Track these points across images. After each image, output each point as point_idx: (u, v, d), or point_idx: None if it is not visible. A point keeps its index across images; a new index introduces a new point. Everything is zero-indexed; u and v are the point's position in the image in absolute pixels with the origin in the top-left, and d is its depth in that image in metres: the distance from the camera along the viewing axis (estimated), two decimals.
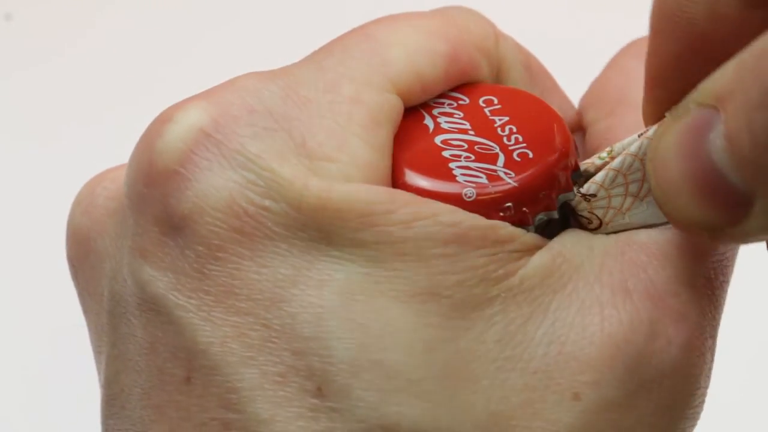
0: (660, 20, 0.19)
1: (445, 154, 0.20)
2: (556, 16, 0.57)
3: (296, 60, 0.21)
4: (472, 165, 0.20)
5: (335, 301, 0.18)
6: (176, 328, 0.18)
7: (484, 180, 0.19)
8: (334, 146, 0.19)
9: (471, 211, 0.19)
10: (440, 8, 0.22)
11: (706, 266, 0.20)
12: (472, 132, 0.20)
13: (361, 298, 0.18)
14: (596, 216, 0.20)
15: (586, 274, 0.19)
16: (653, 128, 0.20)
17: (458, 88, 0.21)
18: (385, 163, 0.20)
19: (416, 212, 0.18)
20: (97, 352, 0.22)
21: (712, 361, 0.19)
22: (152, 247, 0.19)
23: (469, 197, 0.19)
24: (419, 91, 0.21)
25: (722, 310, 0.20)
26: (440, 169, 0.20)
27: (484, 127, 0.20)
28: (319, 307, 0.18)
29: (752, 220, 0.17)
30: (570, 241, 0.19)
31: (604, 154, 0.20)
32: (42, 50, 0.59)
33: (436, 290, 0.18)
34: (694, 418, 0.19)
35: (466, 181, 0.19)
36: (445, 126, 0.20)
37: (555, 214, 0.20)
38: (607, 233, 0.20)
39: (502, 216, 0.19)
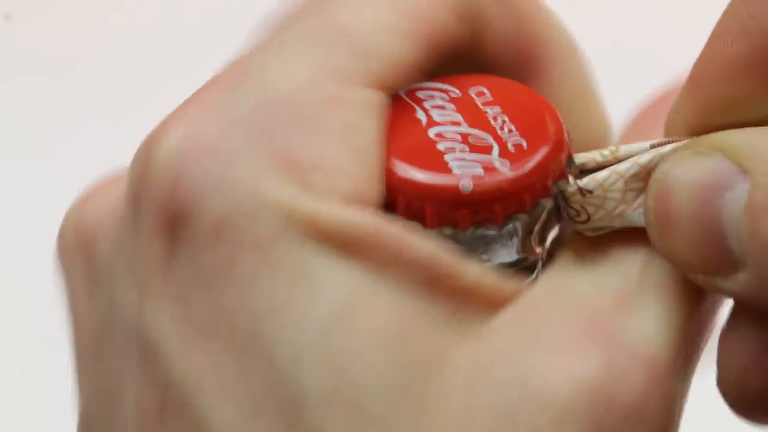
0: (729, 22, 0.18)
1: (440, 146, 0.20)
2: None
3: None
4: (468, 156, 0.20)
5: (311, 338, 0.18)
6: (157, 356, 0.18)
7: (480, 171, 0.19)
8: (318, 155, 0.19)
9: (469, 202, 0.19)
10: None
11: (685, 315, 0.19)
12: (465, 124, 0.20)
13: (338, 337, 0.18)
14: (586, 211, 0.20)
15: (553, 319, 0.19)
16: (670, 146, 0.20)
17: (448, 79, 0.21)
18: (373, 167, 0.19)
19: (399, 250, 0.18)
20: (77, 375, 0.21)
21: (681, 407, 0.19)
22: (145, 272, 0.19)
23: (467, 189, 0.19)
24: (401, 79, 0.20)
25: (699, 355, 0.20)
26: (436, 162, 0.20)
27: (476, 119, 0.20)
28: (295, 343, 0.18)
29: (730, 282, 0.17)
30: (541, 290, 0.19)
31: (606, 152, 0.20)
32: (42, 50, 0.59)
33: (411, 333, 0.18)
34: None
35: (462, 173, 0.19)
36: (437, 119, 0.20)
37: (550, 202, 0.20)
38: (591, 228, 0.20)
39: (500, 206, 0.19)
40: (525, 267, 0.20)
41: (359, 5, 0.20)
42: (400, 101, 0.21)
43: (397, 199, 0.19)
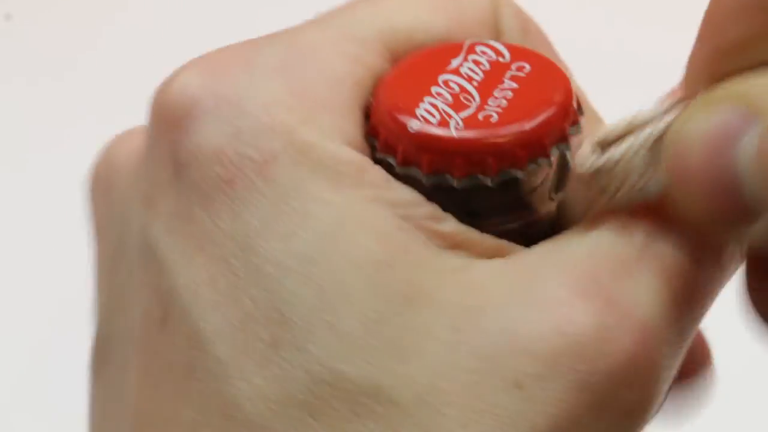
0: None
1: (433, 90, 0.21)
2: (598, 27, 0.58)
3: None
4: (441, 107, 0.20)
5: (297, 259, 0.19)
6: (161, 268, 0.20)
7: (433, 122, 0.20)
8: (329, 101, 0.20)
9: (409, 140, 0.20)
10: None
11: (683, 289, 0.19)
12: (475, 83, 0.21)
13: (321, 260, 0.18)
14: (612, 184, 0.20)
15: (546, 275, 0.19)
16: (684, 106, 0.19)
17: (514, 47, 0.22)
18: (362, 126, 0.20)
19: (381, 193, 0.19)
20: (96, 295, 0.23)
21: (669, 378, 0.19)
22: (155, 192, 0.20)
23: (412, 129, 0.20)
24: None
25: (695, 327, 0.20)
26: (413, 99, 0.20)
27: (488, 84, 0.21)
28: (282, 262, 0.19)
29: (752, 231, 0.17)
30: (538, 250, 0.20)
31: (624, 123, 0.20)
32: (42, 50, 0.59)
33: (392, 264, 0.19)
34: (637, 428, 0.19)
35: (420, 116, 0.20)
36: (462, 69, 0.21)
37: (489, 181, 0.20)
38: (619, 201, 0.20)
39: (428, 158, 0.20)
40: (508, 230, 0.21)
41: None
42: (458, 46, 0.22)
43: (377, 131, 0.21)
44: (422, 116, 0.20)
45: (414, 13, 0.22)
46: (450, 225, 0.19)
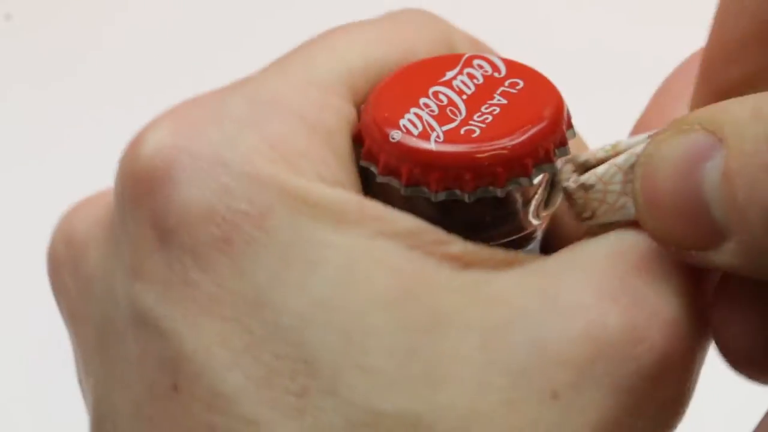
0: (727, 3, 0.19)
1: (421, 100, 0.21)
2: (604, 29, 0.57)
3: None
4: (426, 118, 0.20)
5: (315, 307, 0.18)
6: (163, 337, 0.19)
7: (414, 133, 0.20)
8: (304, 146, 0.19)
9: (389, 150, 0.20)
10: (392, 13, 0.23)
11: (701, 274, 0.19)
12: (465, 96, 0.21)
13: (340, 304, 0.18)
14: (591, 207, 0.21)
15: (568, 281, 0.19)
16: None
17: (512, 63, 0.22)
18: (347, 171, 0.20)
19: (384, 227, 0.19)
20: (85, 378, 0.22)
21: (698, 371, 0.19)
22: (142, 262, 0.19)
23: (393, 139, 0.20)
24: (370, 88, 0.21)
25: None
26: (400, 109, 0.20)
27: (478, 99, 0.21)
28: (299, 313, 0.18)
29: (720, 255, 0.17)
30: (554, 257, 0.20)
31: (608, 147, 0.21)
32: (42, 51, 0.59)
33: (410, 295, 0.18)
34: (675, 424, 0.19)
35: (403, 126, 0.20)
36: (455, 81, 0.21)
37: (467, 197, 0.20)
38: (598, 224, 0.21)
39: (406, 168, 0.20)
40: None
41: (356, 36, 0.22)
42: (457, 57, 0.22)
43: (362, 138, 0.20)
44: (405, 127, 0.20)
45: (367, 51, 0.21)
46: (458, 246, 0.19)
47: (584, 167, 0.21)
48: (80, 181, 0.52)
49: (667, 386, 0.19)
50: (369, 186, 0.21)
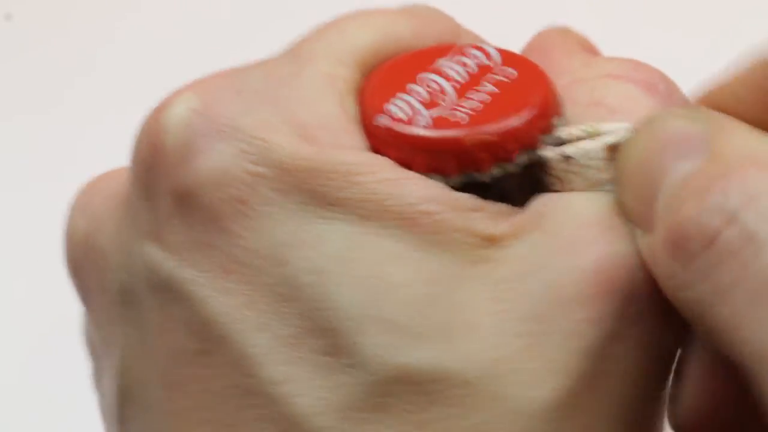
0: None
1: (409, 86, 0.21)
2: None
3: None
4: (413, 104, 0.21)
5: (333, 261, 0.19)
6: (189, 303, 0.19)
7: (401, 117, 0.20)
8: (319, 116, 0.20)
9: (377, 138, 0.20)
10: (403, 5, 0.24)
11: None
12: (455, 83, 0.21)
13: (358, 256, 0.19)
14: (567, 179, 0.21)
15: (572, 223, 0.19)
16: None
17: (507, 52, 0.22)
18: (361, 134, 0.21)
19: (396, 179, 0.19)
20: (104, 353, 0.22)
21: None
22: (161, 229, 0.20)
23: (378, 124, 0.20)
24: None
25: None
26: (386, 93, 0.21)
27: (468, 86, 0.21)
28: (318, 269, 0.19)
29: (640, 239, 0.19)
30: (549, 201, 0.20)
31: (587, 127, 0.21)
32: (42, 50, 0.59)
33: (427, 247, 0.19)
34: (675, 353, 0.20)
35: (390, 111, 0.20)
36: (444, 68, 0.21)
37: (451, 182, 0.20)
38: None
39: (394, 151, 0.20)
40: None
41: (367, 17, 0.23)
42: (449, 47, 0.22)
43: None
44: (392, 111, 0.20)
45: (378, 28, 0.22)
46: (470, 200, 0.20)
47: (560, 142, 0.21)
48: (79, 181, 0.52)
49: (652, 312, 0.19)
50: None
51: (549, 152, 0.21)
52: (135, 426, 0.21)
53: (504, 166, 0.20)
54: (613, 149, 0.20)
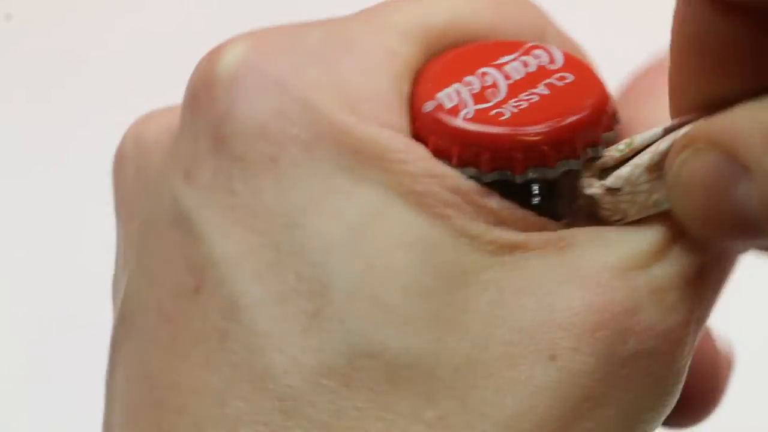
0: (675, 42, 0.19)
1: (466, 78, 0.21)
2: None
3: None
4: (464, 95, 0.20)
5: (344, 235, 0.19)
6: (196, 239, 0.20)
7: (446, 107, 0.20)
8: (369, 89, 0.20)
9: (422, 124, 0.20)
10: None
11: (704, 263, 0.20)
12: (511, 81, 0.21)
13: (369, 235, 0.19)
14: (620, 210, 0.21)
15: (584, 254, 0.20)
16: (684, 129, 0.20)
17: (573, 59, 0.22)
18: (408, 116, 0.21)
19: (427, 168, 0.19)
20: (121, 274, 0.23)
21: (690, 355, 0.20)
22: (193, 166, 0.20)
23: (425, 110, 0.20)
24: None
25: (713, 307, 0.21)
26: (441, 82, 0.21)
27: (522, 85, 0.21)
28: (328, 238, 0.19)
29: (752, 244, 0.19)
30: (577, 231, 0.20)
31: (622, 146, 0.21)
32: (43, 51, 0.59)
33: (437, 243, 0.19)
34: (663, 407, 0.20)
35: (439, 98, 0.20)
36: (506, 66, 0.21)
37: (485, 177, 0.20)
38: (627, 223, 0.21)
39: (443, 142, 0.20)
40: None
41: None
42: (517, 44, 0.22)
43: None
44: (440, 99, 0.20)
45: (457, 11, 0.22)
46: (496, 201, 0.20)
47: (602, 169, 0.21)
48: (81, 185, 0.52)
49: (661, 365, 0.19)
50: None
51: (594, 189, 0.21)
52: (124, 349, 0.21)
53: (541, 171, 0.20)
54: (656, 168, 0.20)
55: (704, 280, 0.20)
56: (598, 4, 0.58)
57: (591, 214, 0.21)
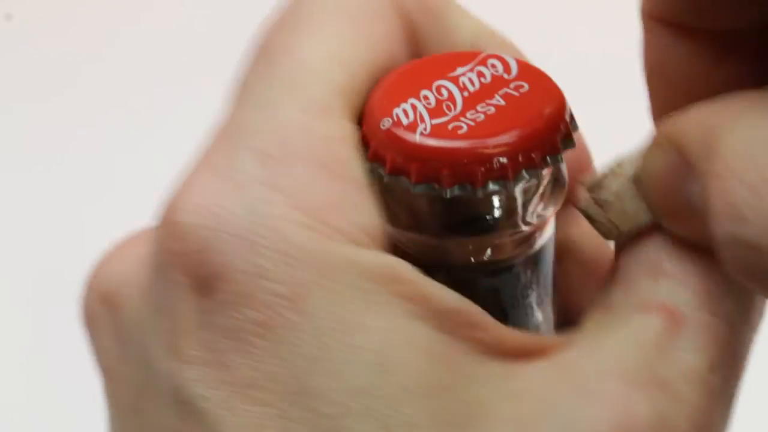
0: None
1: (423, 92, 0.21)
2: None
3: None
4: (420, 110, 0.20)
5: (353, 395, 0.18)
6: (200, 418, 0.19)
7: (404, 123, 0.20)
8: (330, 198, 0.19)
9: (379, 142, 0.20)
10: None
11: (724, 358, 0.20)
12: (466, 93, 0.21)
13: (377, 393, 0.18)
14: (614, 224, 0.21)
15: (597, 370, 0.19)
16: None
17: (525, 64, 0.21)
18: (371, 199, 0.20)
19: (415, 308, 0.19)
20: (117, 419, 0.22)
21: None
22: (181, 341, 0.20)
23: (382, 126, 0.20)
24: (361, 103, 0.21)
25: (737, 396, 0.21)
26: (397, 97, 0.20)
27: (478, 97, 0.21)
28: (338, 401, 0.18)
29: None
30: (575, 349, 0.20)
31: (614, 166, 0.21)
32: (43, 51, 0.59)
33: (446, 386, 0.19)
34: None
35: (395, 115, 0.20)
36: (462, 78, 0.21)
37: (444, 193, 0.20)
38: (625, 238, 0.21)
39: (392, 161, 0.20)
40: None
41: (310, 39, 0.21)
42: (473, 54, 0.22)
43: (362, 119, 0.21)
44: (397, 115, 0.20)
45: (340, 53, 0.21)
46: (488, 334, 0.19)
47: (594, 188, 0.21)
48: (82, 187, 0.52)
49: None
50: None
51: (585, 203, 0.21)
52: None
53: (501, 183, 0.20)
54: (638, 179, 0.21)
55: (721, 361, 0.20)
56: (597, 4, 0.58)
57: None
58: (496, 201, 0.21)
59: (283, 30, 0.22)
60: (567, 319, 0.23)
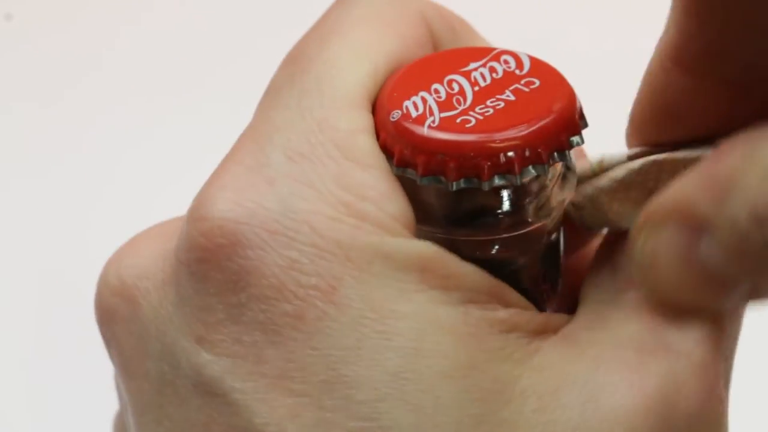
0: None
1: (434, 85, 0.21)
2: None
3: None
4: (430, 103, 0.20)
5: (387, 381, 0.19)
6: (233, 409, 0.19)
7: (413, 115, 0.20)
8: (359, 187, 0.20)
9: (388, 134, 0.20)
10: (364, 7, 0.23)
11: (720, 318, 0.21)
12: (476, 88, 0.21)
13: (411, 377, 0.19)
14: (586, 222, 0.22)
15: (607, 342, 0.20)
16: (639, 162, 0.21)
17: (538, 61, 0.22)
18: (399, 187, 0.20)
19: (443, 295, 0.19)
20: (140, 426, 0.22)
21: (727, 404, 0.21)
22: (209, 333, 0.20)
23: (392, 118, 0.20)
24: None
25: (734, 355, 0.22)
26: (409, 90, 0.21)
27: (488, 92, 0.21)
28: (373, 387, 0.19)
29: (733, 298, 0.19)
30: (582, 323, 0.21)
31: (595, 165, 0.21)
32: (42, 50, 0.59)
33: (475, 366, 0.19)
34: None
35: (405, 107, 0.20)
36: (474, 73, 0.21)
37: (450, 186, 0.20)
38: (609, 232, 0.22)
39: (398, 146, 0.20)
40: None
41: (341, 40, 0.22)
42: (486, 50, 0.22)
43: (375, 109, 0.21)
44: (407, 108, 0.20)
45: (367, 53, 0.21)
46: (501, 312, 0.20)
47: (578, 182, 0.22)
48: (82, 188, 0.52)
49: (708, 427, 0.20)
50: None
51: (566, 199, 0.21)
52: None
53: (508, 177, 0.20)
54: (611, 192, 0.21)
55: (721, 333, 0.20)
56: (598, 4, 0.58)
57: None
58: (503, 195, 0.21)
59: (314, 35, 0.22)
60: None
